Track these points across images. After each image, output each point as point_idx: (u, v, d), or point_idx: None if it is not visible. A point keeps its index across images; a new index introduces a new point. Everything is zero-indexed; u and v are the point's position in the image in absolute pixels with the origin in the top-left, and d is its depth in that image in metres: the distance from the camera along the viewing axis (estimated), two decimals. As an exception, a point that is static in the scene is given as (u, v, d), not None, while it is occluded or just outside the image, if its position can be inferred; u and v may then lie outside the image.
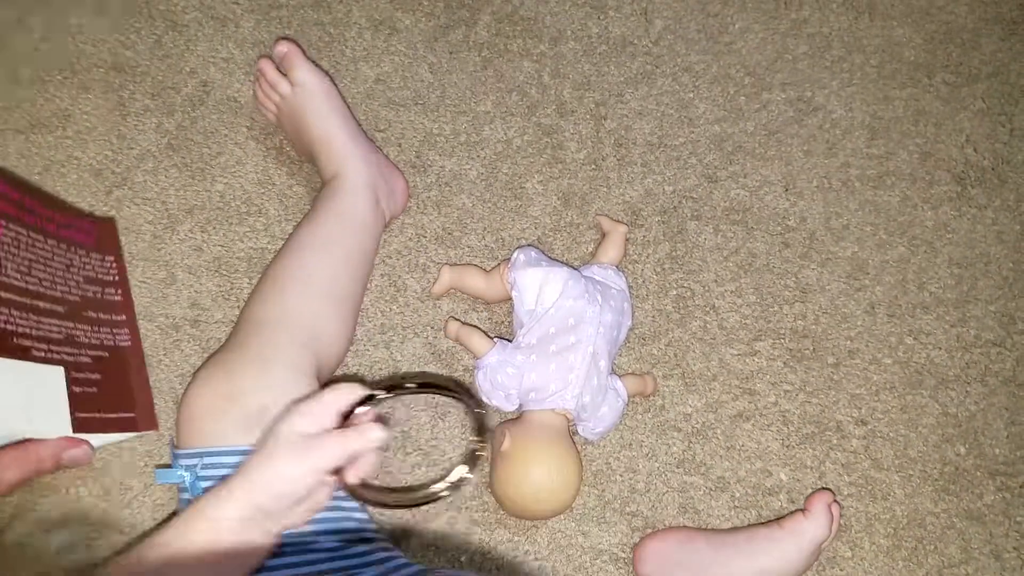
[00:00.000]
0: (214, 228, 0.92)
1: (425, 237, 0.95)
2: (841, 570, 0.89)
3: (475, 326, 0.90)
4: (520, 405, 0.87)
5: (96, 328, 0.82)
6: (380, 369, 0.89)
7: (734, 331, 0.95)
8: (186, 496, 0.74)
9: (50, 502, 0.81)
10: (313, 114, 0.90)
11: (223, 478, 0.73)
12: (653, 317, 0.95)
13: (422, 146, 0.98)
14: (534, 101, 1.01)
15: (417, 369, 0.90)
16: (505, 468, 0.82)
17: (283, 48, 0.90)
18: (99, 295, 0.84)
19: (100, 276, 0.86)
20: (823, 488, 0.90)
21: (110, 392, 0.81)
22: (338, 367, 0.87)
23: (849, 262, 0.99)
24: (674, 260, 0.97)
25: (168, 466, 0.76)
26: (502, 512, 0.86)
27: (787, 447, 0.92)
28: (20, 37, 0.94)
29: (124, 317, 0.86)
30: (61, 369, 0.76)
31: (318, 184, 0.92)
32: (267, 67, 0.92)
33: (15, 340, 0.74)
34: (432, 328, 0.92)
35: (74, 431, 0.76)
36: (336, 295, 0.84)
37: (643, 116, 1.02)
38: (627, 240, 0.96)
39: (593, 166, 0.99)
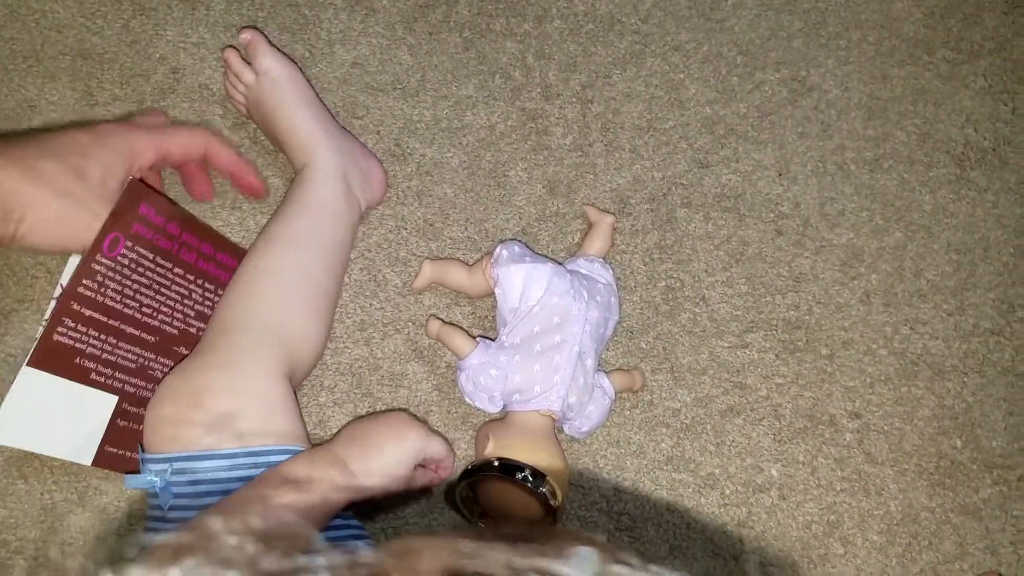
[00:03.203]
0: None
1: (405, 229, 0.92)
2: (833, 567, 0.87)
3: (457, 325, 0.87)
4: (504, 406, 0.84)
5: None
6: (360, 367, 0.87)
7: (725, 323, 0.93)
8: (156, 502, 0.73)
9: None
10: (278, 103, 0.86)
11: (193, 483, 0.72)
12: (641, 309, 0.92)
13: (401, 133, 0.94)
14: (518, 84, 0.97)
15: (399, 367, 0.87)
16: (489, 470, 0.80)
17: (246, 36, 0.87)
18: (202, 332, 0.82)
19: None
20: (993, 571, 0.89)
21: None
22: (316, 365, 0.85)
23: (844, 249, 0.96)
24: (663, 250, 0.94)
25: (137, 471, 0.75)
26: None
27: (779, 442, 0.90)
28: (-20, 24, 0.91)
29: None
30: (114, 399, 0.76)
31: (292, 175, 0.89)
32: (232, 57, 0.88)
33: (77, 360, 0.74)
34: (413, 324, 0.89)
35: (92, 463, 0.76)
36: (308, 290, 0.81)
37: (631, 99, 0.98)
38: (615, 230, 0.92)
39: (579, 152, 0.96)
